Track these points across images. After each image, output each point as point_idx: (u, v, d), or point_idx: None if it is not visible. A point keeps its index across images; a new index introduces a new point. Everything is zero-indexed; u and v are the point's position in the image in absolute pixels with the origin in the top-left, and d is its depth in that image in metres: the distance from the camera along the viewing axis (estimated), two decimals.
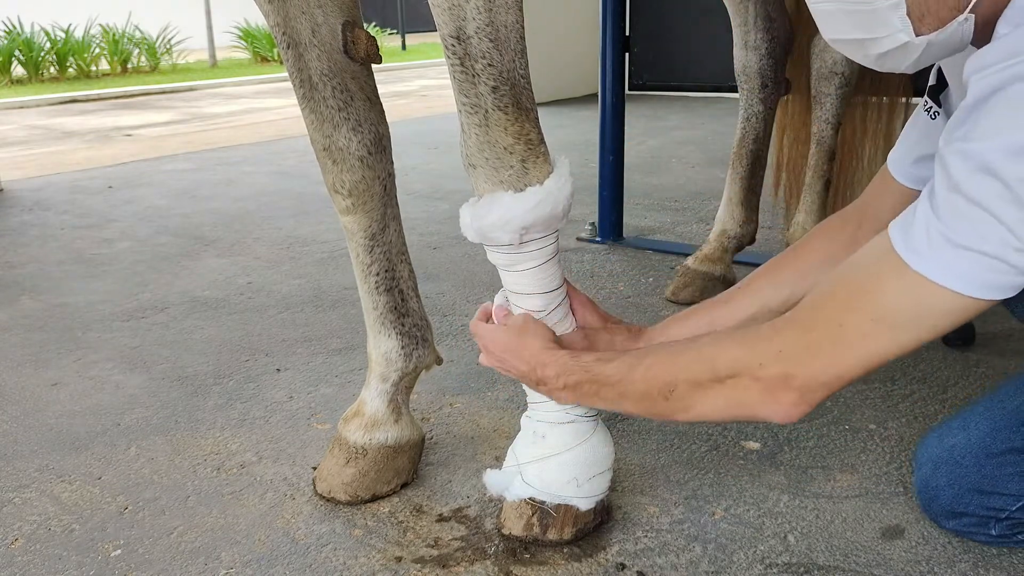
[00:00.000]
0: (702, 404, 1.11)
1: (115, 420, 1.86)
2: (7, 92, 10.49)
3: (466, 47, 1.16)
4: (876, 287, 0.98)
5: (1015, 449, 1.28)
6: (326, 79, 1.39)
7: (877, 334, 0.98)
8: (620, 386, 1.17)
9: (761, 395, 1.06)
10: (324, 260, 3.02)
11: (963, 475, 1.31)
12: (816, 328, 1.03)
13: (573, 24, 7.10)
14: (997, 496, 1.28)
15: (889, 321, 0.98)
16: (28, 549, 1.41)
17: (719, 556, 1.33)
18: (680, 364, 1.13)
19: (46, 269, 2.99)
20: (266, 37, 15.11)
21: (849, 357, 1.01)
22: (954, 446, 1.33)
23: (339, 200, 1.46)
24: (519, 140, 1.21)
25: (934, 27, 0.98)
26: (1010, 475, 1.28)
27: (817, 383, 1.03)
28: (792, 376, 1.03)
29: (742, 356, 1.07)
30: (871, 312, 0.98)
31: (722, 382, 1.08)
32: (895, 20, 0.98)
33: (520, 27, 1.19)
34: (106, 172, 4.90)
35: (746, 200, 2.49)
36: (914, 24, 0.98)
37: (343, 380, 2.03)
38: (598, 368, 1.19)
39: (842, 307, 1.00)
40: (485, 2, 1.14)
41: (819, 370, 1.02)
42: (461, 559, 1.34)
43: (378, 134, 1.45)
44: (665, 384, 1.12)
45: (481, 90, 1.18)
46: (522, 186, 1.22)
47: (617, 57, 2.97)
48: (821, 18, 1.05)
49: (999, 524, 1.30)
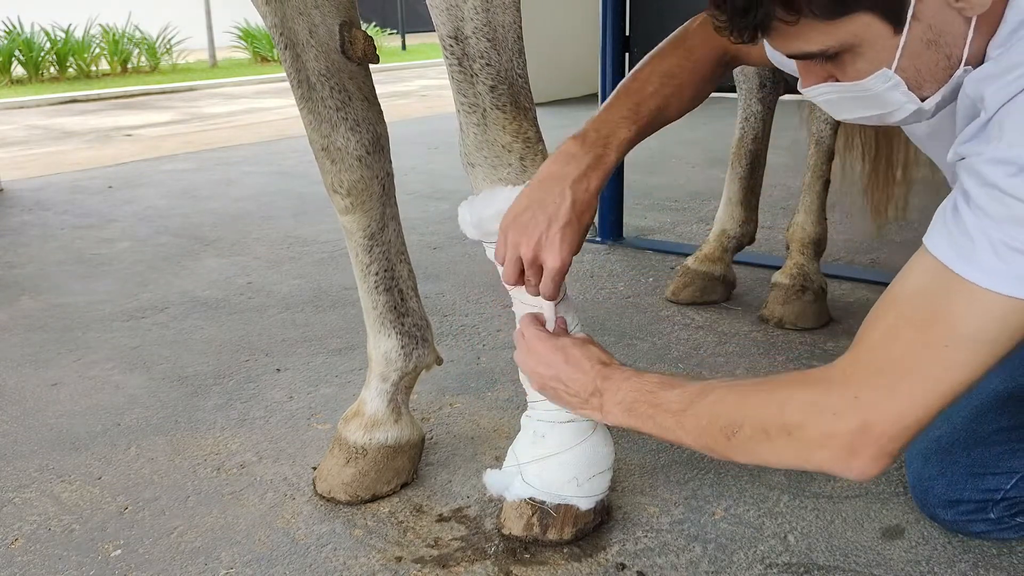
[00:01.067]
0: (766, 454, 1.05)
1: (115, 420, 1.86)
2: (7, 92, 10.49)
3: (464, 47, 1.16)
4: (945, 313, 0.93)
5: (1002, 428, 1.30)
6: (324, 79, 1.39)
7: (957, 363, 0.93)
8: (681, 416, 1.10)
9: (836, 453, 0.98)
10: (324, 260, 3.02)
11: (954, 461, 1.32)
12: (889, 369, 0.96)
13: (573, 24, 7.10)
14: (991, 476, 1.30)
15: (968, 346, 0.92)
16: (28, 549, 1.41)
17: (719, 556, 1.33)
18: (749, 405, 1.06)
19: (46, 269, 2.99)
20: (266, 37, 15.10)
21: (931, 394, 0.95)
22: (940, 436, 1.34)
23: (338, 200, 1.46)
24: (517, 138, 1.22)
25: (935, 89, 0.99)
26: (1000, 453, 1.29)
27: (898, 429, 0.96)
28: (871, 425, 0.96)
29: (815, 402, 1.00)
30: (946, 341, 0.93)
31: (791, 434, 1.01)
32: (898, 96, 0.99)
33: (518, 27, 1.19)
34: (106, 172, 4.90)
35: (745, 200, 2.49)
36: (916, 93, 0.99)
37: (343, 380, 2.03)
38: (661, 393, 1.13)
39: (913, 343, 0.95)
40: (483, 2, 1.14)
41: (900, 414, 0.96)
42: (461, 559, 1.34)
43: (376, 134, 1.45)
44: (730, 424, 1.06)
45: (479, 89, 1.18)
46: (521, 183, 1.23)
47: (617, 57, 2.98)
48: (829, 107, 1.06)
49: (996, 507, 1.30)
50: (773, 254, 2.87)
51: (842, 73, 0.99)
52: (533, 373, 1.26)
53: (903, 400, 0.95)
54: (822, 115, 2.36)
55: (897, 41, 0.94)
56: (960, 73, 0.97)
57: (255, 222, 3.61)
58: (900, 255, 2.86)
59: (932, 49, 0.95)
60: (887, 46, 0.94)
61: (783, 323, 2.28)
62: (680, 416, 1.11)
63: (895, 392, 0.95)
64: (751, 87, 2.43)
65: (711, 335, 2.25)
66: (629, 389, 1.16)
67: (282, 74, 9.95)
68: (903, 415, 0.95)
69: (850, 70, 0.97)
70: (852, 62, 0.96)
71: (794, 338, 2.22)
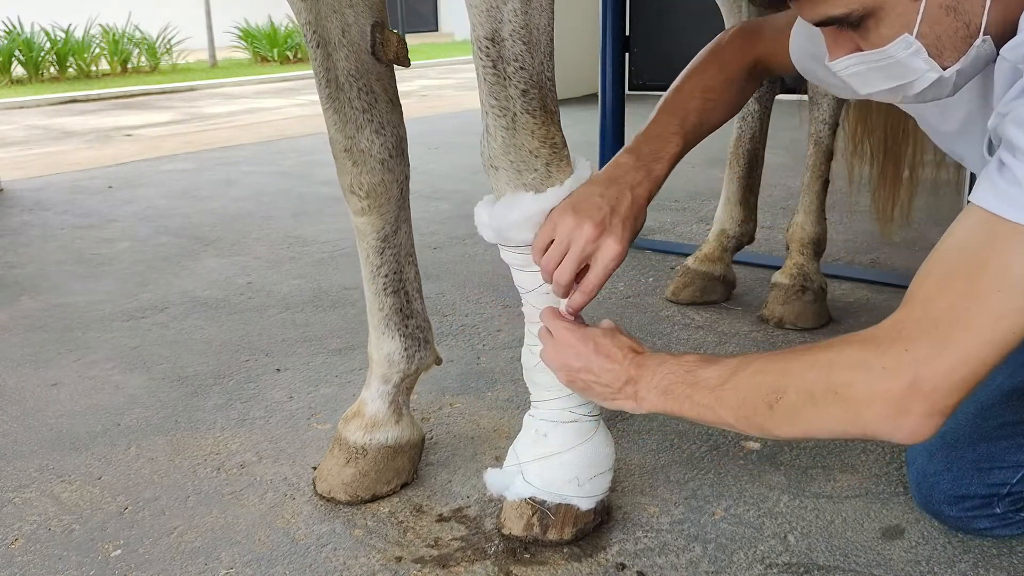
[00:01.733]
0: (812, 419, 1.00)
1: (115, 420, 1.86)
2: (7, 92, 10.49)
3: (500, 49, 1.15)
4: (994, 259, 0.90)
5: (1008, 423, 1.29)
6: (352, 80, 1.38)
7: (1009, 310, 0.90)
8: (719, 391, 1.07)
9: (885, 409, 0.95)
10: (324, 260, 3.02)
11: (960, 456, 1.32)
12: (940, 321, 0.93)
13: (573, 24, 7.10)
14: (997, 471, 1.29)
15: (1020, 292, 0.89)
16: (28, 549, 1.41)
17: (719, 556, 1.33)
18: (793, 370, 1.03)
19: (46, 269, 2.99)
20: (266, 37, 15.12)
21: (984, 345, 0.91)
22: (945, 432, 1.33)
23: (355, 201, 1.45)
24: (545, 144, 1.21)
25: (956, 58, 1.01)
26: (1007, 447, 1.29)
27: (951, 384, 0.93)
28: (922, 380, 0.93)
29: (863, 360, 0.97)
30: (998, 287, 0.90)
31: (838, 394, 0.97)
32: (920, 63, 1.01)
33: (551, 29, 1.18)
34: (106, 172, 4.90)
35: (744, 199, 2.49)
36: (937, 61, 1.01)
37: (343, 380, 2.03)
38: (699, 371, 1.10)
39: (963, 293, 0.92)
40: (522, 4, 1.13)
41: (952, 367, 0.92)
42: (461, 559, 1.34)
43: (399, 137, 1.45)
44: (773, 390, 1.02)
45: (511, 93, 1.17)
46: (544, 189, 1.23)
47: (617, 57, 2.97)
48: (854, 80, 1.08)
49: (1002, 501, 1.30)
50: (773, 254, 2.87)
51: (865, 41, 1.02)
52: (563, 367, 1.24)
53: (955, 353, 0.92)
54: (821, 115, 2.37)
55: (917, 6, 0.98)
56: (979, 43, 0.99)
57: (255, 222, 3.61)
58: (900, 255, 2.87)
59: (951, 16, 0.98)
60: (908, 11, 0.98)
61: (783, 323, 2.28)
62: (719, 391, 1.08)
63: (946, 345, 0.92)
64: None
65: (711, 335, 2.25)
66: (665, 372, 1.14)
67: (282, 74, 9.96)
68: (955, 368, 0.92)
69: (873, 36, 1.01)
70: (875, 27, 1.00)
71: (794, 338, 2.22)
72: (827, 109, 2.35)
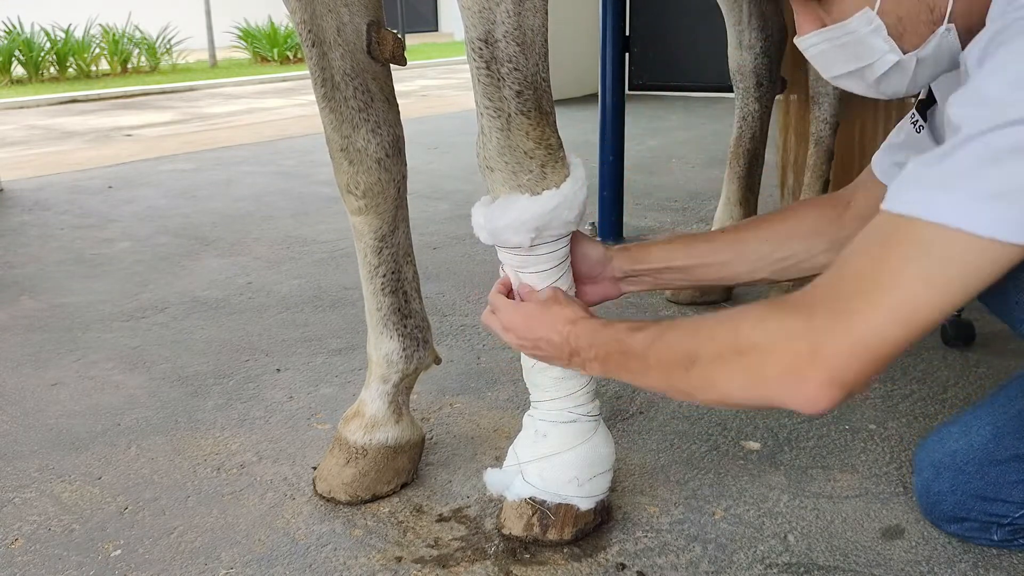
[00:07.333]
0: (723, 381, 1.00)
1: (115, 420, 1.86)
2: (7, 92, 10.49)
3: (493, 51, 1.15)
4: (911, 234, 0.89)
5: (1019, 456, 1.26)
6: (348, 79, 1.38)
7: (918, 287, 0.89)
8: (645, 357, 1.08)
9: (783, 372, 0.94)
10: (324, 260, 3.02)
11: (966, 481, 1.30)
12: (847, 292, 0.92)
13: (573, 24, 7.10)
14: (1000, 503, 1.28)
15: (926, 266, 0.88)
16: (28, 549, 1.41)
17: (719, 556, 1.33)
18: (703, 332, 1.04)
19: (46, 269, 2.99)
20: (266, 37, 15.11)
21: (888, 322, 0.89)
22: (956, 451, 1.32)
23: (352, 201, 1.45)
24: (540, 145, 1.21)
25: (916, 44, 1.02)
26: (1014, 483, 1.27)
27: (849, 356, 0.90)
28: (821, 346, 0.91)
29: (770, 323, 0.97)
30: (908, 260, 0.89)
31: (743, 354, 0.97)
32: (880, 42, 1.02)
33: (545, 30, 1.18)
34: (106, 172, 4.90)
35: (744, 199, 2.49)
36: (897, 43, 1.02)
37: (343, 380, 2.03)
38: (628, 339, 1.11)
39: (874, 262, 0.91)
40: (515, 5, 1.13)
41: (854, 339, 0.90)
42: (461, 559, 1.34)
43: (395, 136, 1.45)
44: (686, 354, 1.03)
45: (505, 94, 1.17)
46: (539, 190, 1.22)
47: (617, 57, 2.97)
48: (817, 60, 1.09)
49: (1001, 529, 1.30)
50: None
51: (828, 16, 1.04)
52: (516, 346, 1.28)
53: (857, 325, 0.90)
54: (822, 115, 2.37)
55: None
56: (943, 31, 1.00)
57: (255, 222, 3.61)
58: None
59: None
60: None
61: None
62: (645, 358, 1.08)
63: (850, 316, 0.91)
64: (748, 86, 2.43)
65: None
66: (601, 343, 1.15)
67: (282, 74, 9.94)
68: (857, 341, 0.90)
69: (835, 10, 1.03)
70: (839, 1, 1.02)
71: None
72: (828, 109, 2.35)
